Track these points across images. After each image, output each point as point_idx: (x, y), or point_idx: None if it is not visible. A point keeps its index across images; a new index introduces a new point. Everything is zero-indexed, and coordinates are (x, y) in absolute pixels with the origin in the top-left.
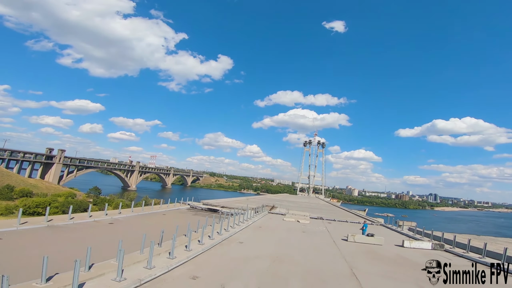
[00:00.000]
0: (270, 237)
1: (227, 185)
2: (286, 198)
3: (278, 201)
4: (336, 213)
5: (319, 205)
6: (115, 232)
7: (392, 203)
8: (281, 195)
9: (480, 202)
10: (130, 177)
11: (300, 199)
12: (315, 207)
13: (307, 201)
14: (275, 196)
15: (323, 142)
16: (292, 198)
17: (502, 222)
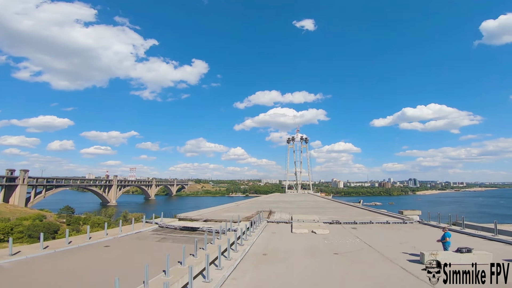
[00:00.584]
0: (289, 276)
1: (214, 190)
2: (279, 198)
3: (272, 203)
4: (346, 211)
5: (318, 202)
6: None
7: (377, 191)
8: (272, 196)
9: (456, 183)
10: (109, 192)
11: (295, 198)
12: (316, 205)
13: (303, 199)
14: (266, 197)
15: (306, 137)
16: (285, 197)
17: (482, 201)
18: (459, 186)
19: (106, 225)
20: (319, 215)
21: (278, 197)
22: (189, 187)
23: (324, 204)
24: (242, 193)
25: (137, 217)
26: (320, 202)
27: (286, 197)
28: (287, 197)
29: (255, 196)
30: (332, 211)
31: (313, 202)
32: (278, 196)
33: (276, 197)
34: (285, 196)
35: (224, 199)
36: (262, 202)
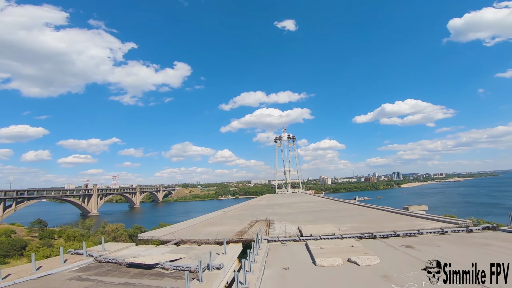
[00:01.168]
0: None
1: (202, 194)
2: (272, 200)
3: (267, 208)
4: (362, 213)
5: (318, 202)
6: None
7: (363, 186)
8: (264, 198)
9: (436, 174)
10: (89, 202)
11: (289, 199)
12: (319, 207)
13: (299, 200)
14: (258, 200)
15: (293, 136)
16: (279, 199)
17: (463, 190)
18: (439, 177)
19: (33, 257)
20: (335, 223)
21: (271, 199)
22: (176, 192)
23: (327, 205)
24: (231, 196)
25: (116, 228)
26: (320, 203)
27: (280, 199)
28: (281, 199)
29: (245, 198)
30: (344, 214)
31: (312, 203)
32: (271, 198)
33: (268, 199)
34: (278, 198)
35: (213, 202)
36: (255, 207)
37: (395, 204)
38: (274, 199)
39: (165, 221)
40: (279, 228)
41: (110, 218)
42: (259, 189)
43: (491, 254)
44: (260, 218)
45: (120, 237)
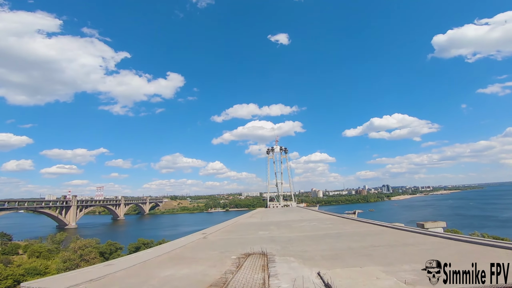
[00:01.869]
0: None
1: (191, 207)
2: (266, 216)
3: (261, 230)
4: (406, 243)
5: (323, 221)
6: None
7: (355, 199)
8: (257, 214)
9: (423, 187)
10: (66, 214)
11: (286, 215)
12: (327, 228)
13: (298, 217)
14: (249, 216)
15: (285, 148)
16: (274, 215)
17: (452, 203)
18: (427, 190)
19: None
20: (376, 262)
21: (264, 215)
22: (164, 204)
23: (339, 226)
24: (222, 208)
25: (84, 244)
26: (326, 221)
27: (275, 215)
28: (276, 214)
29: (235, 211)
30: (376, 242)
31: (316, 221)
32: (264, 214)
33: (261, 216)
34: (273, 213)
35: (202, 215)
36: (245, 227)
37: (389, 217)
38: (268, 215)
39: (148, 235)
40: (286, 272)
41: (89, 232)
42: (250, 202)
43: None
44: (252, 250)
45: (88, 255)
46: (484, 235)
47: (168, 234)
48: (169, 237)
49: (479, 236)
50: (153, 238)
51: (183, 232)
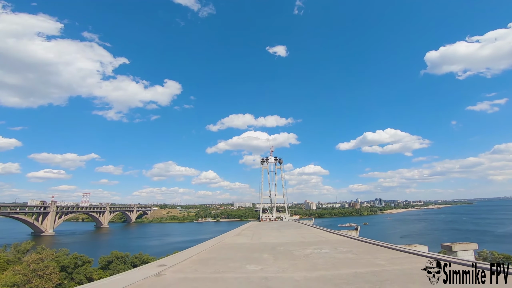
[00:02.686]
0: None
1: (181, 216)
2: (258, 235)
3: (248, 258)
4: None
5: (334, 244)
6: None
7: (348, 212)
8: (247, 230)
9: (415, 201)
10: (44, 221)
11: (284, 233)
12: (349, 261)
13: (300, 237)
14: (237, 233)
15: (280, 158)
16: (268, 233)
17: (445, 217)
18: (418, 205)
19: None
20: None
21: (256, 232)
22: (153, 213)
23: (363, 254)
24: (212, 219)
25: (39, 258)
26: (337, 245)
27: (269, 232)
28: (270, 232)
29: (227, 221)
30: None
31: (325, 244)
32: (256, 229)
33: (253, 231)
34: (266, 229)
35: (192, 225)
36: (228, 254)
37: (384, 231)
38: (260, 232)
39: (129, 245)
40: None
41: (66, 240)
42: (243, 213)
43: None
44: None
45: (44, 270)
46: (493, 253)
47: (151, 245)
48: (152, 248)
49: (487, 253)
50: (133, 250)
51: (168, 242)
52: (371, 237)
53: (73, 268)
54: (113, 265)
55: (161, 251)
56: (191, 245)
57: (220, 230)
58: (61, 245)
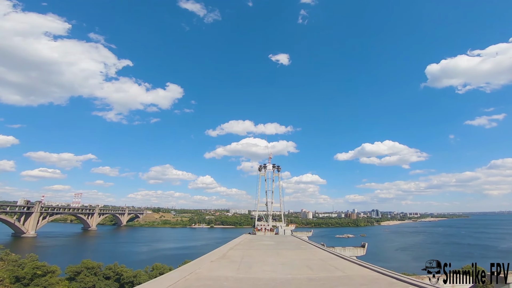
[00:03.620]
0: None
1: (174, 221)
2: (248, 257)
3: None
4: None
5: (353, 280)
6: None
7: (345, 222)
8: (236, 247)
9: (411, 213)
10: (26, 221)
11: (280, 256)
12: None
13: (306, 268)
14: (222, 255)
15: (278, 166)
16: (261, 255)
17: (443, 231)
18: (415, 217)
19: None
20: None
21: (247, 254)
22: (145, 216)
23: None
24: (206, 224)
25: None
26: (358, 282)
27: (263, 256)
28: (265, 256)
29: (221, 228)
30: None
31: (343, 284)
32: (248, 247)
33: (243, 253)
34: (260, 249)
35: (184, 231)
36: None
37: (382, 243)
38: (252, 257)
39: (111, 252)
40: None
41: (47, 242)
42: (238, 220)
43: None
44: None
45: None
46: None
47: (138, 251)
48: (138, 255)
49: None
50: (117, 257)
51: (156, 249)
52: (371, 250)
53: (30, 279)
54: (81, 276)
55: (147, 258)
56: (181, 253)
57: (213, 237)
58: (39, 248)
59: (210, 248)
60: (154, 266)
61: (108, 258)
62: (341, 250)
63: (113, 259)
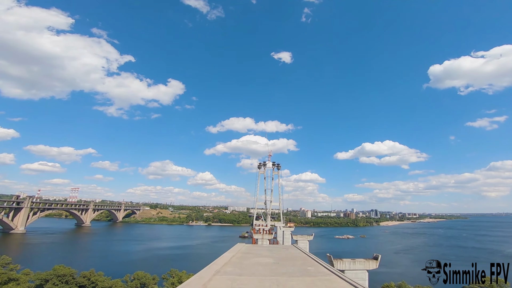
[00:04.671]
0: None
1: (171, 217)
2: (243, 282)
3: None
4: None
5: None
6: None
7: (344, 222)
8: (228, 265)
9: (410, 214)
10: (15, 217)
11: (280, 284)
12: None
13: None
14: (213, 272)
15: (278, 164)
16: (261, 284)
17: (444, 232)
18: (414, 217)
19: None
20: None
21: (238, 283)
22: (142, 212)
23: None
24: (204, 222)
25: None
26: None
27: (263, 285)
28: (265, 284)
29: (218, 225)
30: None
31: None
32: (240, 268)
33: (234, 278)
34: (256, 266)
35: (181, 229)
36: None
37: (384, 245)
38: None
39: (101, 251)
40: None
41: (36, 240)
42: (236, 218)
43: None
44: None
45: None
46: None
47: (130, 250)
48: (130, 254)
49: None
50: (107, 257)
51: (149, 248)
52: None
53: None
54: (48, 285)
55: (136, 259)
56: (174, 253)
57: (209, 236)
58: (24, 246)
59: (205, 248)
60: (135, 275)
61: (94, 259)
62: (351, 264)
63: (100, 260)
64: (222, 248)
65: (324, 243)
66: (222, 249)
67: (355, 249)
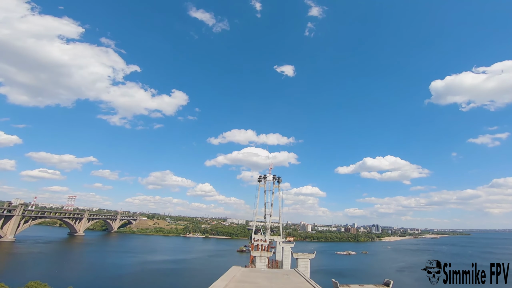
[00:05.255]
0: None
1: (168, 228)
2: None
3: None
4: None
5: None
6: None
7: (344, 237)
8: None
9: (412, 229)
10: (5, 225)
11: None
12: None
13: None
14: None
15: (278, 177)
16: None
17: (449, 249)
18: (416, 233)
19: None
20: None
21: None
22: (138, 223)
23: None
24: (201, 234)
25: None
26: None
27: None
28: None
29: (216, 238)
30: None
31: None
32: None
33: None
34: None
35: (177, 241)
36: None
37: (387, 263)
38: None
39: (90, 264)
40: None
41: (25, 249)
42: (234, 230)
43: None
44: None
45: None
46: None
47: (121, 264)
48: (121, 268)
49: None
50: (96, 270)
51: (141, 261)
52: (376, 272)
53: None
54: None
55: (127, 273)
56: (168, 268)
57: (206, 249)
58: (11, 255)
59: (201, 263)
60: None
61: (80, 272)
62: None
63: (86, 273)
64: (218, 264)
65: (325, 260)
66: (218, 264)
67: (357, 266)
